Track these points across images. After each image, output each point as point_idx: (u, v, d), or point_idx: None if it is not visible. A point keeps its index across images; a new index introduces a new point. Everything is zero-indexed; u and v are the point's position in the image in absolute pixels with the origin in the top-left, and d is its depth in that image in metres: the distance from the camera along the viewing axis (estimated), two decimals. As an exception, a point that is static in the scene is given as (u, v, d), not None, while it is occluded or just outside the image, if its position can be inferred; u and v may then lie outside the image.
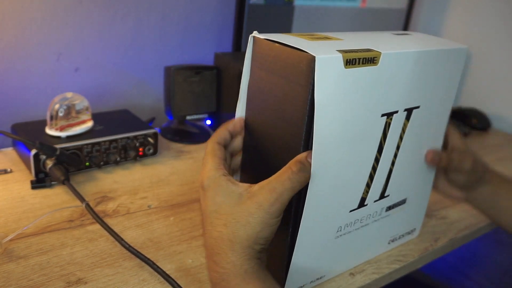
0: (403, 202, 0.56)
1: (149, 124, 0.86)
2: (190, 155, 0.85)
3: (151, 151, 0.81)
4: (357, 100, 0.42)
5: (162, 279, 0.51)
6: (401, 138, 0.50)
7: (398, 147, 0.50)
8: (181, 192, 0.71)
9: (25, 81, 0.84)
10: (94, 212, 0.59)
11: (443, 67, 0.51)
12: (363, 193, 0.49)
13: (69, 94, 0.75)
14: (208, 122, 0.97)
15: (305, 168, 0.40)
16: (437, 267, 1.27)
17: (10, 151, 0.79)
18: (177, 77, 0.86)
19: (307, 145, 0.41)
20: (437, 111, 0.55)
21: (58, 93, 0.77)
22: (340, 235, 0.49)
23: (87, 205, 0.60)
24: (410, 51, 0.46)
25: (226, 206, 0.40)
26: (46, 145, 0.66)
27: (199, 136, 0.93)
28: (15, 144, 0.78)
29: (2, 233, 0.56)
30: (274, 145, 0.45)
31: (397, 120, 0.48)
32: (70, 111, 0.74)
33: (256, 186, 0.41)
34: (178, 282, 0.50)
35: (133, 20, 0.92)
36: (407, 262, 0.60)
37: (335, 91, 0.40)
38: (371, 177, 0.48)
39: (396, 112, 0.47)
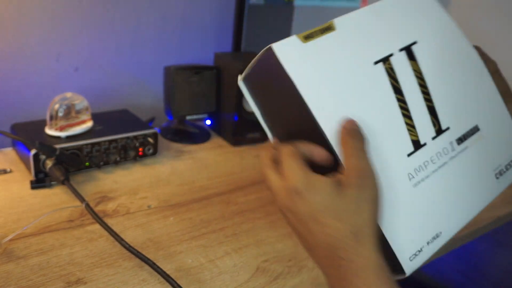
0: (475, 130, 0.52)
1: (149, 124, 0.86)
2: (190, 155, 0.85)
3: (151, 151, 0.80)
4: (337, 63, 0.43)
5: (162, 279, 0.51)
6: (420, 75, 0.48)
7: (423, 84, 0.48)
8: (181, 192, 0.71)
9: (25, 81, 0.84)
10: (94, 212, 0.59)
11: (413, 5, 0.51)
12: (411, 135, 0.46)
13: (68, 94, 0.75)
14: (208, 122, 0.97)
15: (357, 131, 0.42)
16: (437, 267, 1.27)
17: (10, 151, 0.79)
18: (176, 77, 0.86)
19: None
20: (447, 40, 0.53)
21: (57, 93, 0.77)
22: (418, 182, 0.45)
23: (87, 205, 0.60)
24: (365, 8, 0.48)
25: (331, 201, 0.40)
26: (46, 145, 0.66)
27: (199, 136, 0.93)
28: (14, 144, 0.78)
29: (1, 233, 0.56)
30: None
31: (400, 62, 0.47)
32: (70, 111, 0.74)
33: (345, 172, 0.41)
34: (178, 282, 0.50)
35: (133, 20, 0.92)
36: (407, 262, 0.60)
37: (310, 66, 0.41)
38: (408, 118, 0.46)
39: (391, 55, 0.47)
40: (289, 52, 0.41)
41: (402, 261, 0.41)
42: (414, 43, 0.49)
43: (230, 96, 0.88)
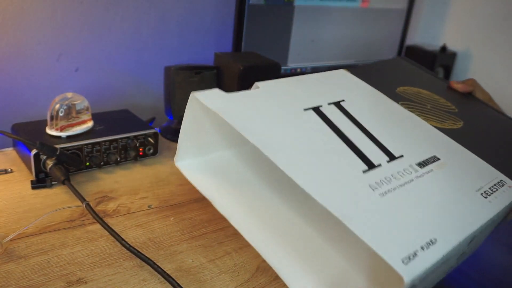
0: (434, 158, 0.54)
1: (149, 124, 0.86)
2: (190, 155, 0.85)
3: (151, 151, 0.81)
4: (265, 107, 0.51)
5: (162, 279, 0.51)
6: (355, 120, 0.55)
7: (361, 126, 0.54)
8: (181, 192, 0.71)
9: (25, 81, 0.84)
10: (94, 212, 0.59)
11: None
12: (361, 159, 0.50)
13: (69, 94, 0.76)
14: (208, 122, 0.97)
15: None
16: (437, 267, 1.27)
17: (10, 151, 0.79)
18: (177, 77, 0.86)
19: None
20: (372, 101, 0.61)
21: (58, 93, 0.77)
22: (384, 193, 0.46)
23: (88, 205, 0.60)
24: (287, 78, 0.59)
25: None
26: (47, 145, 0.66)
27: (199, 136, 0.93)
28: (15, 144, 0.78)
29: (2, 233, 0.56)
30: None
31: (331, 111, 0.55)
32: (70, 111, 0.74)
33: None
34: (178, 281, 0.50)
35: (133, 20, 0.92)
36: (407, 262, 0.60)
37: (239, 107, 0.49)
38: (354, 148, 0.51)
39: (320, 106, 0.55)
40: (212, 98, 0.49)
41: (393, 264, 0.38)
42: (342, 100, 0.57)
43: (230, 96, 0.88)
